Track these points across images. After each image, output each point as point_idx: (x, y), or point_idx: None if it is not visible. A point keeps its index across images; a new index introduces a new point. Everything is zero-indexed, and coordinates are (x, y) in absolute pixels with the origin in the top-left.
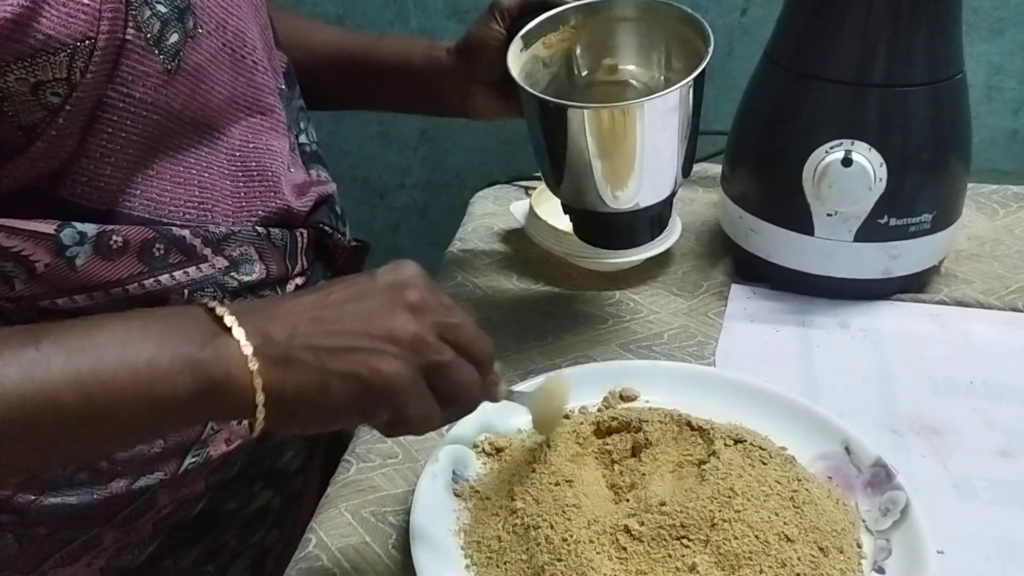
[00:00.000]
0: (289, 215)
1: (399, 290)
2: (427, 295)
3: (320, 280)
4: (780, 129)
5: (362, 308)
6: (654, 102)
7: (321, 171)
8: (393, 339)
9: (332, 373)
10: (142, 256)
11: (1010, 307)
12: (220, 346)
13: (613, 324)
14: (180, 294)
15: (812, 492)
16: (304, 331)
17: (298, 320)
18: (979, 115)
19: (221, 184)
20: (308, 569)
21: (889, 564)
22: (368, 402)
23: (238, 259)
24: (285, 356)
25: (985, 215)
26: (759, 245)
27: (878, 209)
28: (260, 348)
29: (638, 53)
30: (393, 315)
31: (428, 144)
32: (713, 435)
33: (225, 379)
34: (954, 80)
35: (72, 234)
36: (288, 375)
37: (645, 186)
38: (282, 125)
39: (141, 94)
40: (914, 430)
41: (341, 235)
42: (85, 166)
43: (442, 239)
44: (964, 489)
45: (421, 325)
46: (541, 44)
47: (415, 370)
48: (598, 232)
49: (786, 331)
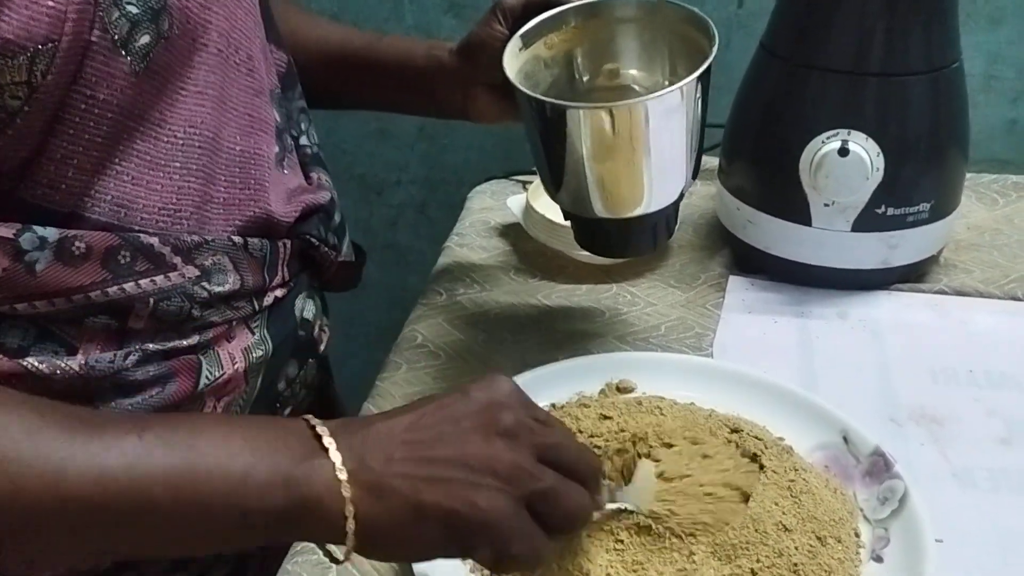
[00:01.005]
0: (270, 224)
1: (493, 413)
2: (522, 416)
3: (303, 291)
4: (777, 120)
5: (457, 433)
6: (657, 101)
7: (322, 174)
8: (491, 471)
9: (428, 505)
10: (106, 263)
11: (1010, 296)
12: (316, 466)
13: (610, 316)
14: (145, 303)
15: (810, 482)
16: (400, 457)
17: (394, 444)
18: (978, 105)
19: (201, 190)
20: (304, 562)
21: (887, 552)
22: (466, 538)
23: (210, 268)
24: (380, 485)
25: (984, 205)
26: (757, 236)
27: (876, 199)
28: (355, 473)
29: (641, 57)
30: (489, 443)
31: (426, 141)
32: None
33: (317, 501)
34: (951, 68)
35: (32, 238)
36: (381, 505)
37: (649, 192)
38: (270, 128)
39: (105, 95)
40: (913, 420)
41: (329, 249)
42: (46, 167)
43: (440, 235)
44: (964, 478)
45: (519, 452)
46: (543, 44)
47: (516, 502)
48: (600, 240)
49: (784, 322)
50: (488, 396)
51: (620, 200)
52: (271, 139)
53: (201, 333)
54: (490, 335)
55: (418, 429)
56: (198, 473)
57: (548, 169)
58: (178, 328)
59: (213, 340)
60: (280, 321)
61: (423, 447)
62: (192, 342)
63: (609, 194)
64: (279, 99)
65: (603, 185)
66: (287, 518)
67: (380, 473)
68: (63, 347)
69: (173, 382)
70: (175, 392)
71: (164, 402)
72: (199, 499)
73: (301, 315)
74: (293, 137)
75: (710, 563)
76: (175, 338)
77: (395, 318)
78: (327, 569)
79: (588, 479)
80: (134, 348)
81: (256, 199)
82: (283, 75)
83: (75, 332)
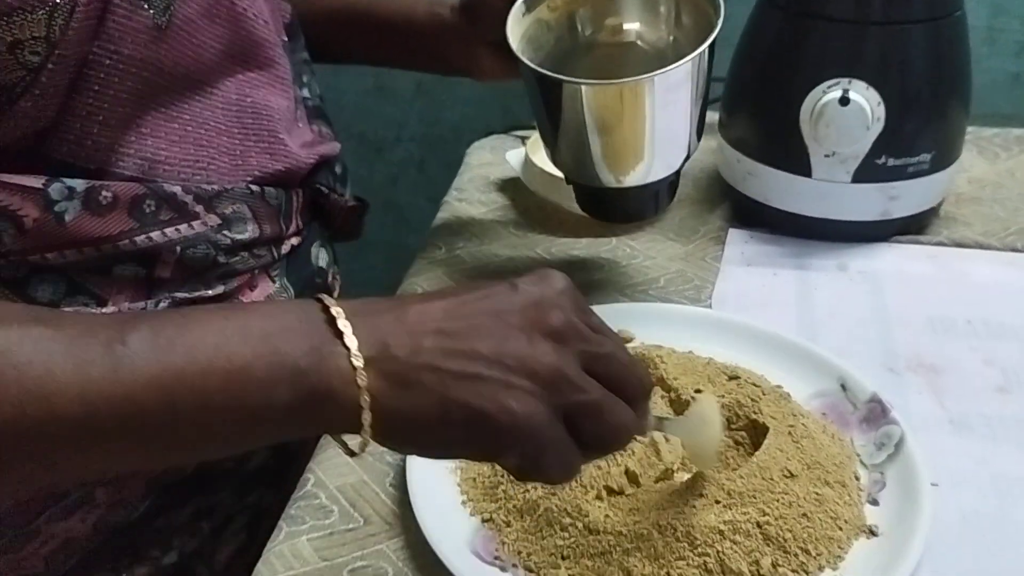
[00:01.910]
0: (288, 173)
1: (542, 310)
2: (574, 318)
3: (316, 240)
4: (777, 70)
5: (498, 327)
6: (663, 77)
7: (324, 127)
8: (530, 373)
9: (455, 403)
10: (132, 212)
11: (1009, 247)
12: (326, 355)
13: (610, 269)
14: (172, 251)
15: (809, 427)
16: (429, 347)
17: (424, 332)
18: (981, 58)
19: (218, 141)
20: (306, 507)
21: (883, 496)
22: (494, 442)
23: (231, 217)
24: (403, 376)
25: (986, 159)
26: (757, 189)
27: (876, 149)
28: (375, 361)
29: (644, 11)
30: (532, 343)
31: (424, 97)
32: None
33: (327, 393)
34: (953, 16)
35: (61, 189)
36: (404, 398)
37: (653, 162)
38: (284, 80)
39: (130, 51)
40: (911, 368)
41: (339, 196)
42: (72, 124)
43: (440, 193)
44: (960, 425)
45: (563, 357)
46: (546, 7)
47: (553, 411)
48: (602, 206)
49: (784, 274)
50: (540, 291)
51: (623, 170)
52: (285, 91)
53: (226, 282)
54: None
55: (455, 318)
56: (190, 375)
57: (552, 138)
58: (204, 277)
59: (237, 290)
60: (298, 269)
61: (457, 338)
62: (218, 291)
63: (612, 164)
64: (288, 51)
65: (606, 155)
66: (296, 412)
67: (404, 362)
68: (93, 299)
69: None
70: None
71: None
72: (194, 401)
73: (317, 263)
74: (297, 89)
75: (713, 508)
76: (201, 287)
77: (395, 276)
78: (328, 513)
79: (637, 398)
80: (163, 297)
81: (272, 151)
82: (288, 26)
83: (104, 283)
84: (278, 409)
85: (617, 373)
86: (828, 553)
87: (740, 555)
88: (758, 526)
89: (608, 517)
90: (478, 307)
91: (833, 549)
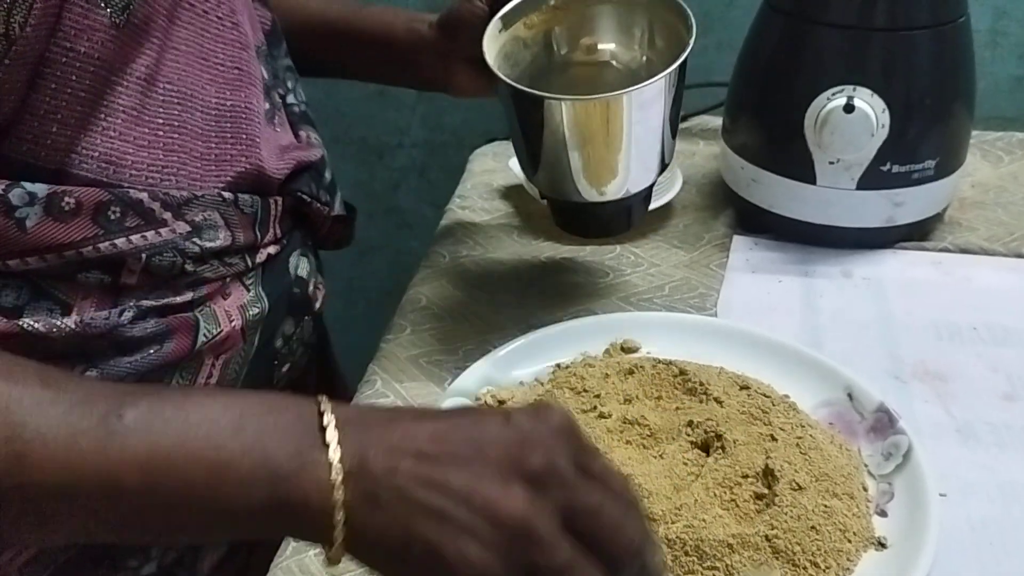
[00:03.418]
0: (261, 180)
1: (527, 449)
2: (560, 462)
3: (297, 249)
4: (781, 77)
5: (477, 460)
6: (636, 93)
7: (311, 132)
8: (494, 521)
9: (418, 537)
10: (96, 219)
11: (1014, 253)
12: (308, 463)
13: (614, 277)
14: (138, 258)
15: (817, 438)
16: (405, 470)
17: (405, 453)
18: (984, 61)
19: (191, 145)
20: None
21: (891, 507)
22: None
23: (201, 224)
24: (376, 496)
25: (990, 163)
26: (761, 195)
27: (881, 156)
28: (352, 475)
29: (619, 32)
30: (506, 485)
31: (426, 103)
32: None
33: (303, 501)
34: (958, 22)
35: (21, 194)
36: (374, 518)
37: (628, 177)
38: (258, 83)
39: (86, 49)
40: (917, 376)
41: (322, 205)
42: (29, 123)
43: (442, 199)
44: (967, 434)
45: (537, 507)
46: (522, 24)
47: (509, 567)
48: (578, 222)
49: (788, 281)
50: (530, 427)
51: (598, 185)
52: (260, 94)
53: (195, 289)
54: (494, 297)
55: (438, 441)
56: (175, 460)
57: (527, 153)
58: (171, 284)
59: (208, 297)
60: (275, 278)
61: (434, 465)
62: (186, 298)
63: (587, 179)
64: (266, 56)
65: (581, 170)
66: (271, 514)
67: (379, 482)
68: (58, 305)
69: (171, 340)
70: (173, 350)
71: (163, 360)
72: (174, 487)
73: (295, 273)
74: (280, 95)
75: (720, 523)
76: (169, 294)
77: (397, 282)
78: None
79: (622, 560)
80: (129, 305)
81: (247, 155)
82: (268, 32)
83: (69, 290)
84: (253, 508)
85: (601, 531)
86: (837, 566)
87: (749, 569)
88: (767, 539)
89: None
90: (464, 434)
91: (842, 562)
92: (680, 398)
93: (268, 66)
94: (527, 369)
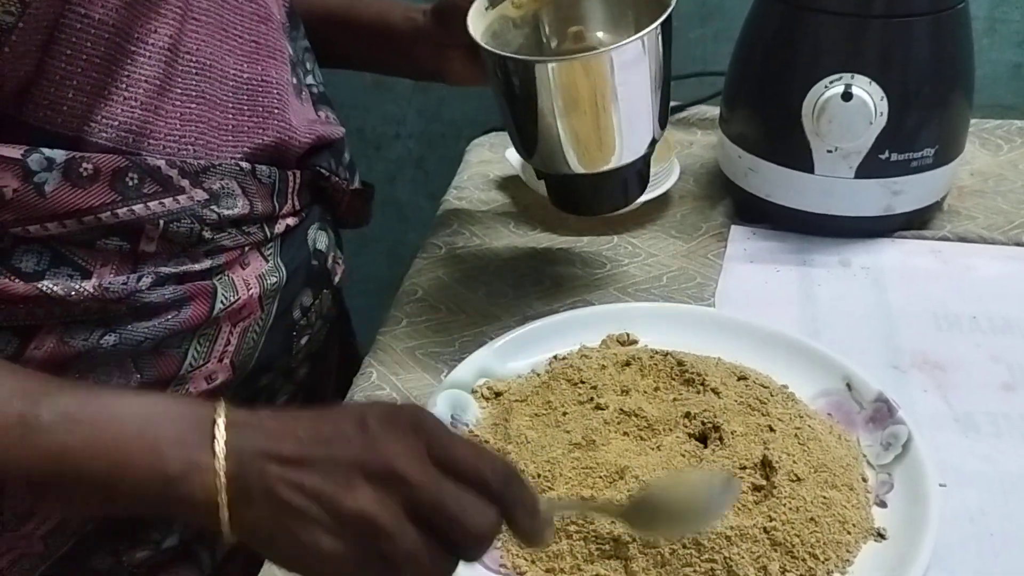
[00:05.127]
0: (280, 151)
1: (374, 450)
2: (402, 461)
3: (316, 222)
4: (779, 65)
5: (328, 462)
6: (617, 52)
7: (329, 113)
8: (338, 516)
9: (282, 530)
10: (114, 185)
11: (1013, 242)
12: (195, 469)
13: (611, 268)
14: (155, 224)
15: (815, 428)
16: (272, 472)
17: (271, 456)
18: (982, 49)
19: (210, 115)
20: None
21: (891, 497)
22: (315, 572)
23: (218, 192)
24: (249, 494)
25: (988, 151)
26: (758, 185)
27: (879, 144)
28: (232, 478)
29: (607, 20)
30: (350, 486)
31: (423, 94)
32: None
33: (189, 501)
34: (956, 9)
35: (40, 159)
36: (249, 512)
37: (619, 144)
38: (282, 56)
39: (100, 15)
40: (916, 366)
41: (340, 180)
42: (46, 89)
43: (439, 190)
44: (966, 423)
45: (381, 503)
46: (510, 3)
47: (357, 554)
48: (573, 197)
49: (786, 271)
50: (379, 429)
51: (591, 153)
52: (284, 67)
53: (213, 257)
54: (490, 288)
55: (301, 445)
56: (80, 460)
57: (517, 129)
58: (190, 251)
59: (227, 265)
60: (293, 249)
61: (294, 469)
62: (205, 266)
63: (580, 148)
64: (289, 34)
65: (573, 139)
66: (165, 508)
67: (251, 483)
68: (77, 271)
69: (188, 306)
70: (191, 316)
71: (181, 326)
72: (82, 481)
73: (314, 245)
74: (301, 73)
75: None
76: (187, 261)
77: (394, 273)
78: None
79: (462, 545)
80: (147, 271)
81: (265, 127)
82: (289, 13)
83: (88, 255)
84: (150, 502)
85: (443, 521)
86: (836, 557)
87: (747, 561)
88: (765, 531)
89: (614, 524)
90: (323, 438)
91: (841, 553)
92: (678, 389)
93: (291, 44)
94: (524, 360)
